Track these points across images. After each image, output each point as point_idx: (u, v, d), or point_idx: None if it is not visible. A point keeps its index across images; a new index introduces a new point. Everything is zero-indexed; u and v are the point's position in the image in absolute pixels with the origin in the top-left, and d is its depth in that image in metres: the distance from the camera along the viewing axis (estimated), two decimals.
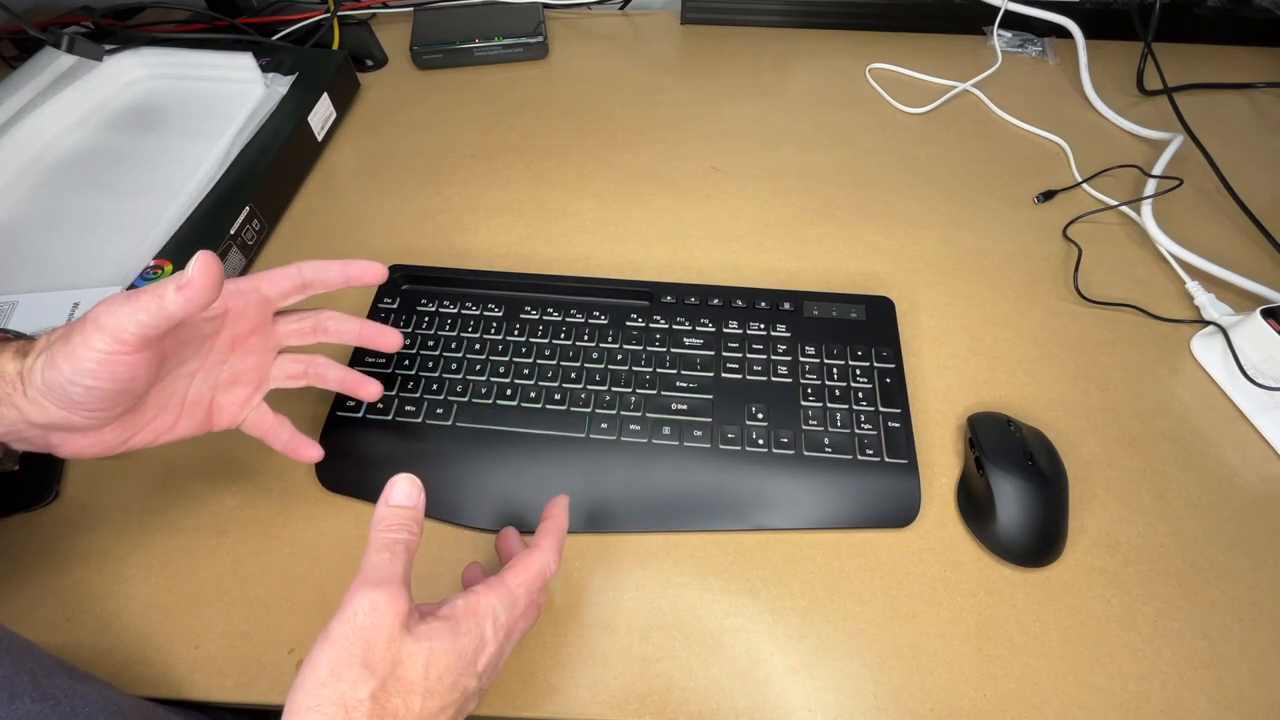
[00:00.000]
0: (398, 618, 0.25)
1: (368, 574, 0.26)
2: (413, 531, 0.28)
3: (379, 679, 0.24)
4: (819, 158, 0.61)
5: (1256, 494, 0.41)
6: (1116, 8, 0.70)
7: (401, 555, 0.27)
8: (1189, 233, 0.52)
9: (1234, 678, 0.34)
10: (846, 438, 0.41)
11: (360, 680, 0.24)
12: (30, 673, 0.28)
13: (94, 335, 0.27)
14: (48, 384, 0.28)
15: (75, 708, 0.27)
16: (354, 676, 0.24)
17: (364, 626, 0.25)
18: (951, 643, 0.35)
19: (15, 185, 0.52)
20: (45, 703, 0.27)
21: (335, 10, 0.69)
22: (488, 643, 0.28)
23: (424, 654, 0.25)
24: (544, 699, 0.34)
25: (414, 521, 0.29)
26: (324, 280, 0.36)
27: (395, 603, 0.26)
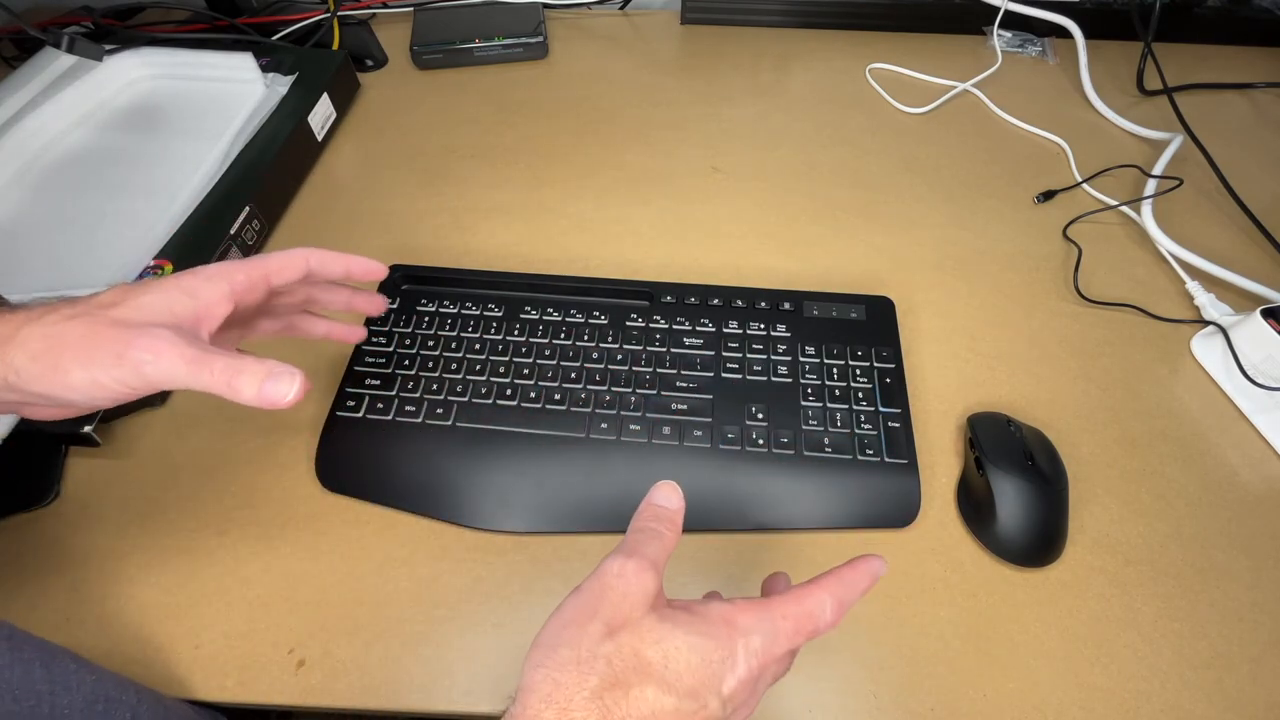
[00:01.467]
0: (644, 590, 0.24)
1: (623, 546, 0.26)
2: (668, 527, 0.27)
3: (615, 642, 0.23)
4: (819, 158, 0.61)
5: (1256, 494, 0.41)
6: (1116, 8, 0.70)
7: (655, 539, 0.26)
8: (1189, 233, 0.52)
9: (1234, 678, 0.34)
10: (846, 438, 0.41)
11: (599, 638, 0.23)
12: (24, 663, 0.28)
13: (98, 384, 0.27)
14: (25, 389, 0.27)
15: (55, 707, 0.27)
16: (595, 631, 0.23)
17: (609, 586, 0.24)
18: (951, 643, 0.35)
19: (15, 185, 0.52)
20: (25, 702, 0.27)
21: (335, 10, 0.69)
22: (738, 663, 0.24)
23: (665, 637, 0.24)
24: None
25: (670, 521, 0.28)
26: (326, 273, 0.35)
27: (643, 575, 0.25)
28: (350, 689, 0.34)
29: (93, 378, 0.27)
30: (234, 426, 0.43)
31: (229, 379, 0.27)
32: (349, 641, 0.36)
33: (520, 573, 0.38)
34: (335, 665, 0.35)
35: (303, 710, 0.34)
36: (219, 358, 0.27)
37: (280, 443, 0.43)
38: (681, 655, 0.24)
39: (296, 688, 0.34)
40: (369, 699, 0.34)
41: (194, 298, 0.29)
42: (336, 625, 0.36)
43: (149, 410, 0.44)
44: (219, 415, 0.44)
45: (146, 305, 0.28)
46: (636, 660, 0.23)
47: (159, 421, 0.44)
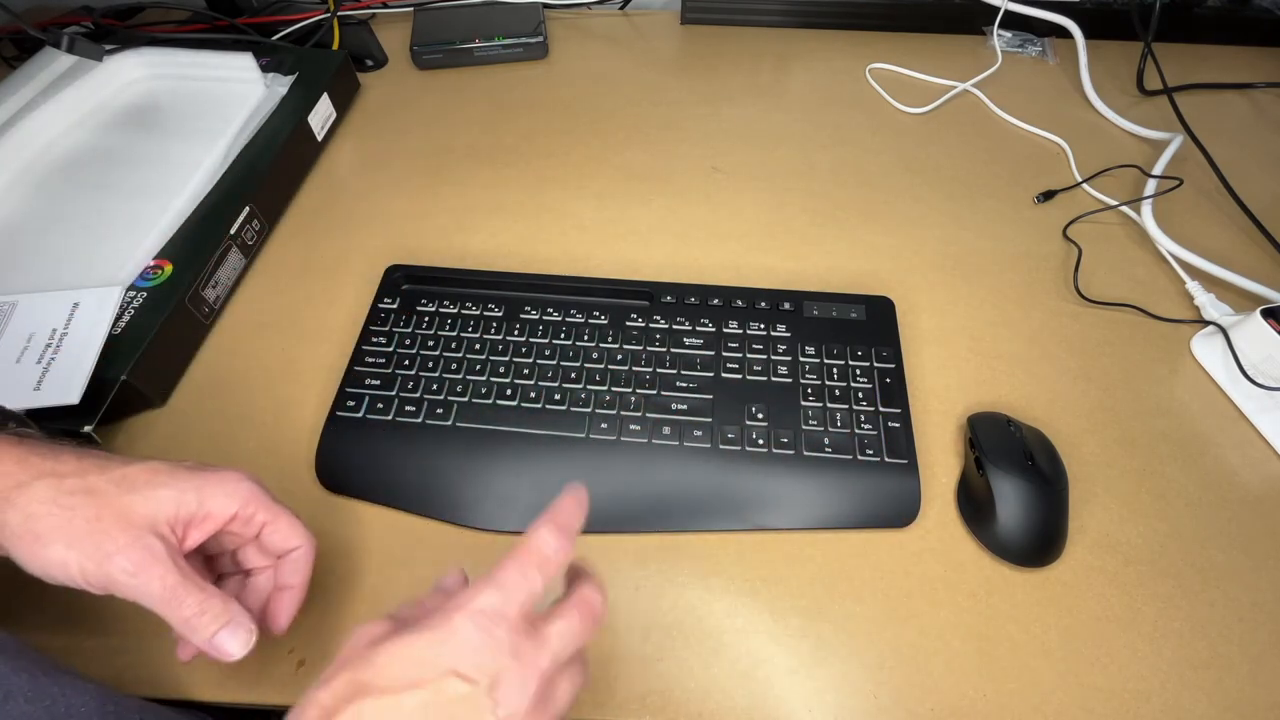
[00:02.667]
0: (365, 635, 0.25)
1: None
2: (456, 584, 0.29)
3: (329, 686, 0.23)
4: (819, 158, 0.61)
5: (1256, 494, 0.41)
6: (1116, 8, 0.70)
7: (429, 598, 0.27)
8: (1189, 233, 0.52)
9: (1234, 678, 0.34)
10: (846, 438, 0.41)
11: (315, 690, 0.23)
12: (28, 671, 0.27)
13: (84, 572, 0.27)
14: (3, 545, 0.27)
15: (70, 707, 0.27)
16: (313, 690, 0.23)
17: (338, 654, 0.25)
18: (951, 643, 0.35)
19: (15, 185, 0.52)
20: (39, 703, 0.27)
21: (335, 10, 0.69)
22: (466, 634, 0.23)
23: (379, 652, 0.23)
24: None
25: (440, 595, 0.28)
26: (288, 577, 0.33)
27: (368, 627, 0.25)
28: None
29: (67, 560, 0.27)
30: (234, 427, 0.43)
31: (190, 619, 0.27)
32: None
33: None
34: None
35: None
36: (194, 593, 0.27)
37: (280, 443, 0.43)
38: (396, 657, 0.23)
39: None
40: None
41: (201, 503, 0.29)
42: (336, 625, 0.36)
43: (149, 410, 0.44)
44: (219, 415, 0.44)
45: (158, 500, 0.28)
46: (349, 688, 0.22)
47: (159, 421, 0.44)
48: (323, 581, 0.37)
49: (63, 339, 0.41)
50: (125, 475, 0.28)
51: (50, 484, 0.27)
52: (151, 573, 0.27)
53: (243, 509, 0.30)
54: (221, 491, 0.30)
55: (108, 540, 0.27)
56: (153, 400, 0.44)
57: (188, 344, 0.47)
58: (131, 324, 0.43)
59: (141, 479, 0.28)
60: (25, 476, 0.27)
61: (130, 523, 0.27)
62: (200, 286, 0.47)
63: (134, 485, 0.28)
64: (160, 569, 0.27)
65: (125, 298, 0.44)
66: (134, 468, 0.29)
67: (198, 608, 0.27)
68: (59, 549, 0.26)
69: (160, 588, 0.27)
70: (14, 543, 0.27)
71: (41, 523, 0.27)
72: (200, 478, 0.30)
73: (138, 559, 0.27)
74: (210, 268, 0.48)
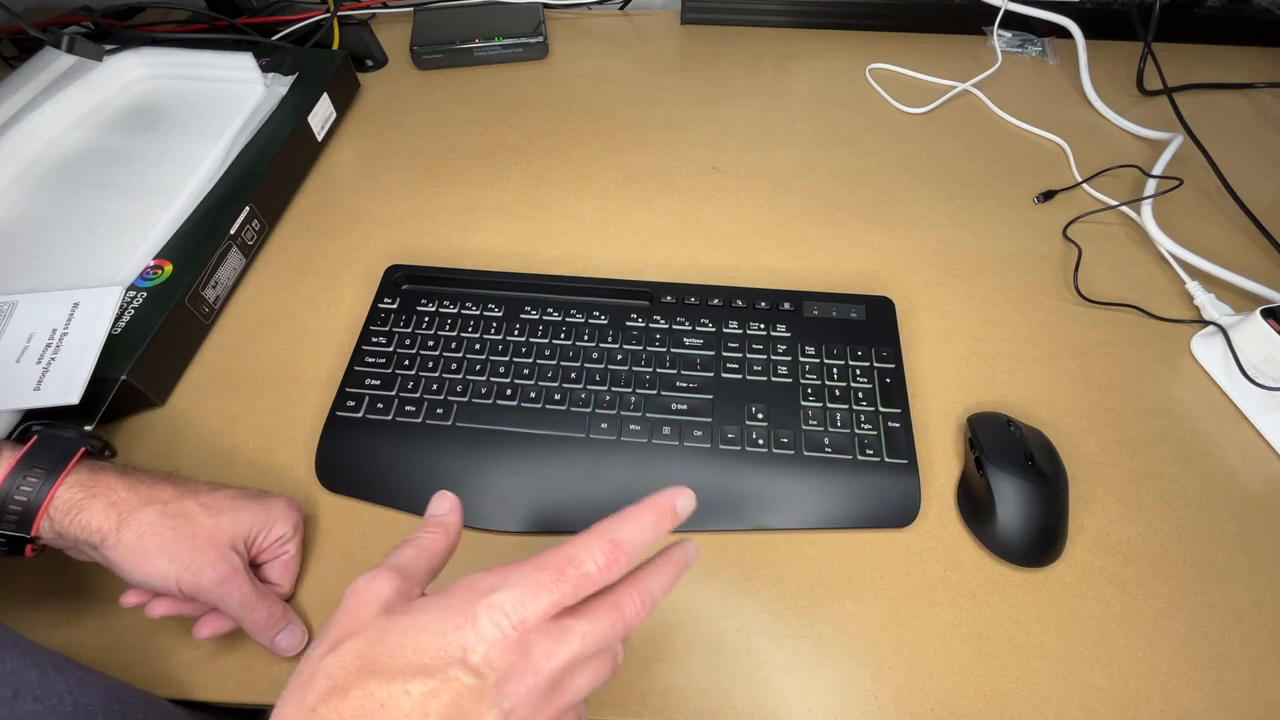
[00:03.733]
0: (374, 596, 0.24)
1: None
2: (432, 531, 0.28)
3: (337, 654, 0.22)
4: (819, 158, 0.61)
5: (1256, 494, 0.41)
6: (1116, 8, 0.70)
7: (409, 546, 0.27)
8: (1189, 233, 0.52)
9: (1234, 678, 0.34)
10: (846, 438, 0.41)
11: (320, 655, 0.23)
12: (38, 668, 0.28)
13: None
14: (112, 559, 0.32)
15: (78, 705, 0.27)
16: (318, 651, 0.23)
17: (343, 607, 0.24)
18: (951, 643, 0.35)
19: (15, 185, 0.52)
20: (47, 701, 0.27)
21: (335, 10, 0.69)
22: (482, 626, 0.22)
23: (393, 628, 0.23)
24: None
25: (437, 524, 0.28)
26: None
27: (375, 582, 0.24)
28: None
29: (164, 571, 0.31)
30: (234, 426, 0.43)
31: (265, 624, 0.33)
32: None
33: None
34: None
35: None
36: (264, 602, 0.33)
37: (280, 443, 0.43)
38: (409, 638, 0.22)
39: None
40: None
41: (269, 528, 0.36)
42: None
43: (149, 410, 0.44)
44: (219, 415, 0.44)
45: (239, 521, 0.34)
46: (359, 662, 0.22)
47: (159, 421, 0.44)
48: (323, 581, 0.38)
49: (63, 339, 0.41)
50: (213, 501, 0.34)
51: (157, 509, 0.32)
52: (233, 584, 0.32)
53: (293, 530, 0.36)
54: (282, 516, 0.36)
55: (200, 556, 0.32)
56: (153, 400, 0.44)
57: (188, 344, 0.47)
58: (131, 324, 0.43)
59: (225, 504, 0.34)
60: (137, 502, 0.32)
61: (217, 541, 0.33)
62: (200, 286, 0.47)
63: (220, 509, 0.34)
64: (239, 580, 0.32)
65: (125, 298, 0.44)
66: (219, 494, 0.35)
67: (267, 613, 0.33)
68: (161, 562, 0.31)
69: (239, 596, 0.32)
70: (124, 556, 0.31)
71: (149, 540, 0.32)
72: (267, 502, 0.36)
73: (224, 572, 0.32)
74: (210, 268, 0.48)
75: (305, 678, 0.23)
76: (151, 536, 0.32)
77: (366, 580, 0.25)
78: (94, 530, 0.31)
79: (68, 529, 0.32)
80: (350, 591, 0.24)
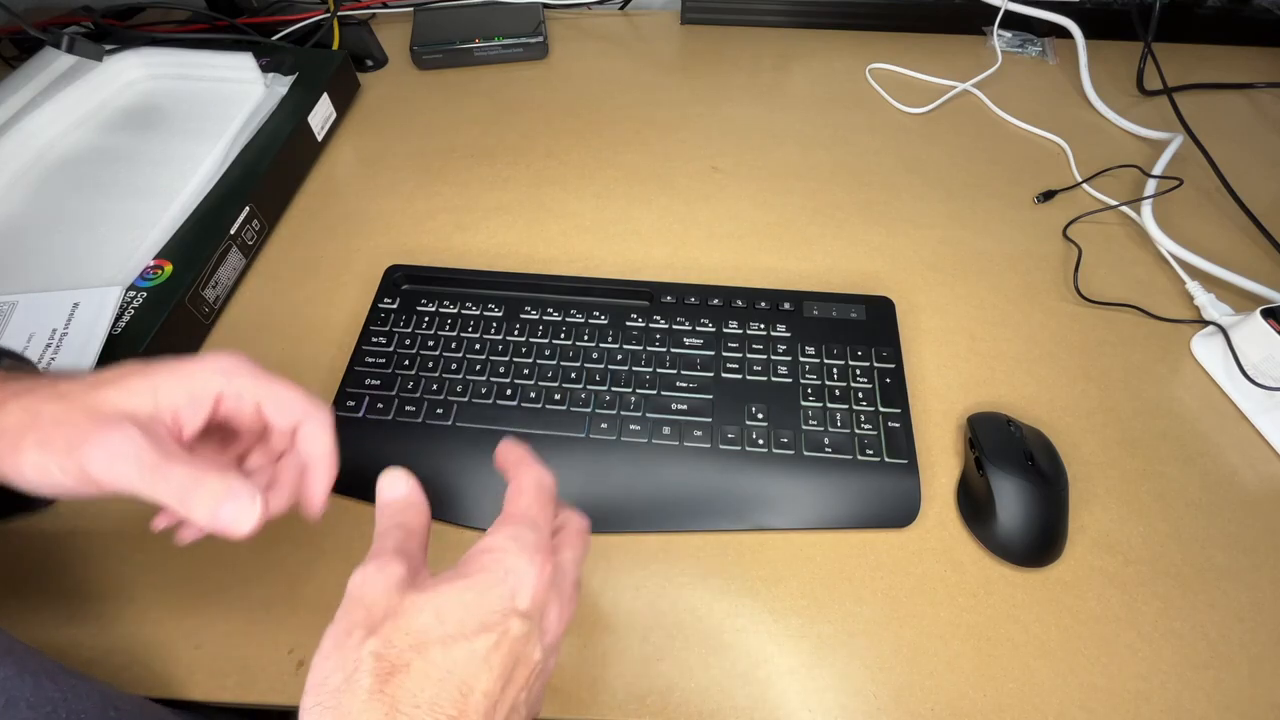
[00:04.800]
0: (391, 580, 0.23)
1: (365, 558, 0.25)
2: (407, 517, 0.26)
3: (382, 636, 0.22)
4: (819, 158, 0.61)
5: (1256, 494, 0.41)
6: (1116, 8, 0.70)
7: (394, 531, 0.25)
8: (1189, 233, 0.52)
9: (1234, 678, 0.34)
10: (846, 438, 0.41)
11: (360, 642, 0.22)
12: (32, 676, 0.27)
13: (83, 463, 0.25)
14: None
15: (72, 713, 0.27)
16: (354, 641, 0.22)
17: (359, 597, 0.23)
18: (951, 643, 0.35)
19: (15, 185, 0.52)
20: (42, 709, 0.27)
21: (335, 10, 0.69)
22: (520, 573, 0.24)
23: (431, 600, 0.23)
24: (544, 699, 0.34)
25: (409, 508, 0.27)
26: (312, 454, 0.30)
27: (386, 568, 0.24)
28: None
29: (42, 463, 0.25)
30: None
31: (184, 494, 0.24)
32: None
33: None
34: None
35: None
36: (179, 466, 0.25)
37: None
38: (454, 601, 0.23)
39: (296, 688, 0.34)
40: None
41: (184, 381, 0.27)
42: None
43: None
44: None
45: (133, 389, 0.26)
46: (409, 637, 0.22)
47: None
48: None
49: (63, 339, 0.41)
50: (97, 377, 0.27)
51: (23, 401, 0.26)
52: (126, 454, 0.24)
53: (227, 385, 0.28)
54: (200, 371, 0.27)
55: (76, 433, 0.25)
56: None
57: (188, 344, 0.47)
58: (131, 324, 0.43)
59: (110, 376, 0.27)
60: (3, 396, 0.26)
61: (101, 414, 0.25)
62: (200, 286, 0.47)
63: (103, 382, 0.26)
64: (134, 449, 0.25)
65: (125, 298, 0.44)
66: (107, 371, 0.27)
67: (187, 480, 0.25)
68: (33, 455, 0.25)
69: (138, 468, 0.24)
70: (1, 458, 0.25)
71: (12, 434, 0.25)
72: (175, 364, 0.28)
73: (110, 443, 0.25)
74: (210, 268, 0.48)
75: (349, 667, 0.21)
76: (13, 428, 0.25)
77: (377, 568, 0.24)
78: None
79: None
80: (361, 581, 0.23)
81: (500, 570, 0.24)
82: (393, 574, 0.23)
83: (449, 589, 0.23)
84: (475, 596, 0.23)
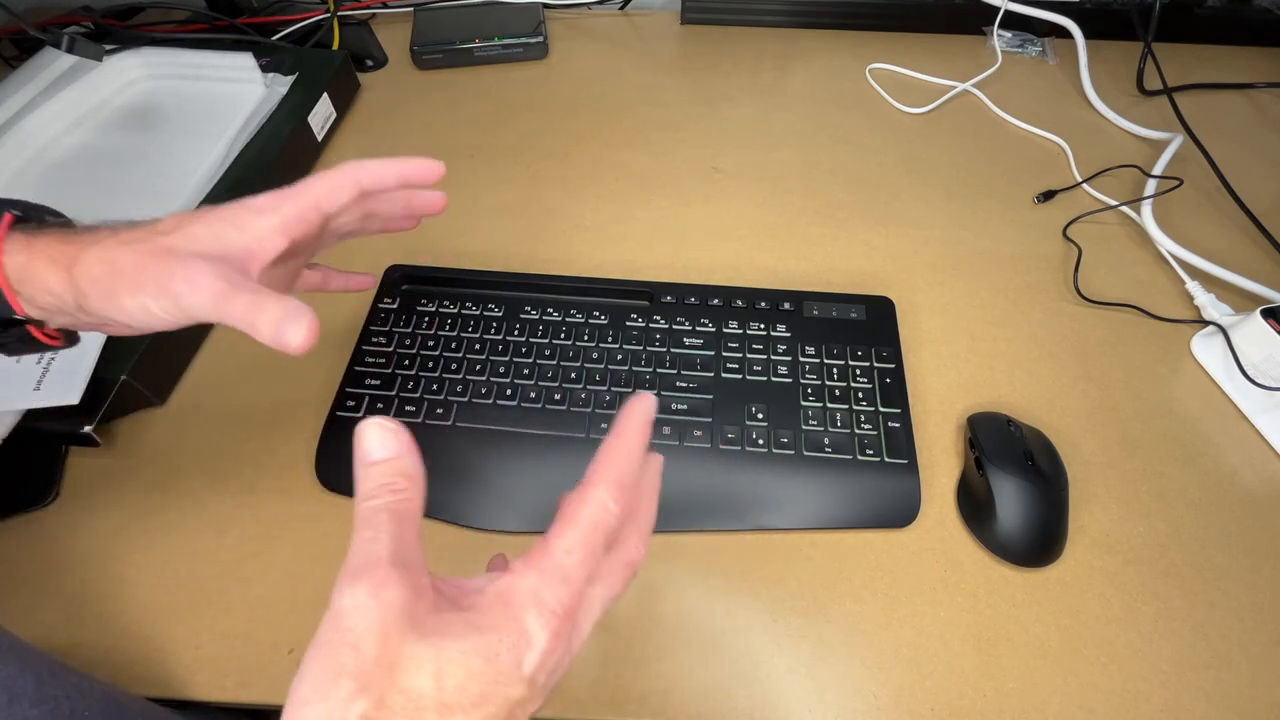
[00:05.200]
0: (391, 610, 0.20)
1: (349, 562, 0.21)
2: (398, 488, 0.23)
3: (374, 695, 0.19)
4: (819, 158, 0.61)
5: (1256, 494, 0.41)
6: (1116, 8, 0.70)
7: (387, 526, 0.22)
8: (1189, 233, 0.52)
9: (1234, 678, 0.34)
10: (846, 438, 0.41)
11: (349, 698, 0.19)
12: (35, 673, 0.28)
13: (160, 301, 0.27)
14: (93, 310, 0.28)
15: (75, 710, 0.27)
16: (342, 694, 0.19)
17: (349, 629, 0.20)
18: (951, 643, 0.35)
19: (15, 185, 0.52)
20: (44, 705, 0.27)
21: (335, 10, 0.69)
22: (533, 637, 0.21)
23: (433, 658, 0.20)
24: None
25: (399, 476, 0.23)
26: (381, 186, 0.33)
27: (383, 591, 0.20)
28: None
29: (142, 305, 0.27)
30: (234, 426, 0.43)
31: (251, 317, 0.27)
32: None
33: None
34: None
35: None
36: (244, 294, 0.27)
37: (280, 443, 0.43)
38: (458, 665, 0.20)
39: None
40: None
41: (243, 231, 0.29)
42: None
43: (149, 410, 0.44)
44: (219, 415, 0.44)
45: (196, 236, 0.29)
46: (404, 699, 0.19)
47: (159, 421, 0.44)
48: (323, 581, 0.37)
49: None
50: (154, 227, 0.30)
51: (95, 252, 0.28)
52: (204, 285, 0.27)
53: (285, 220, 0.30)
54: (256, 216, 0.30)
55: (162, 273, 0.27)
56: (153, 400, 0.44)
57: (188, 344, 0.47)
58: None
59: (167, 225, 0.30)
60: (74, 250, 0.28)
61: (175, 253, 0.28)
62: None
63: (162, 230, 0.29)
64: (212, 280, 0.27)
65: None
66: (162, 221, 0.30)
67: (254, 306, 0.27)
68: (129, 300, 0.27)
69: (212, 295, 0.27)
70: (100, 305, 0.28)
71: (104, 282, 0.28)
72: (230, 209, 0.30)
73: (188, 275, 0.27)
74: None
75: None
76: (109, 275, 0.28)
77: (370, 591, 0.20)
78: (57, 292, 0.28)
79: (40, 297, 0.29)
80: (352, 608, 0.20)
81: (514, 633, 0.21)
82: (390, 602, 0.20)
83: (454, 646, 0.20)
84: (481, 663, 0.20)
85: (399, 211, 0.37)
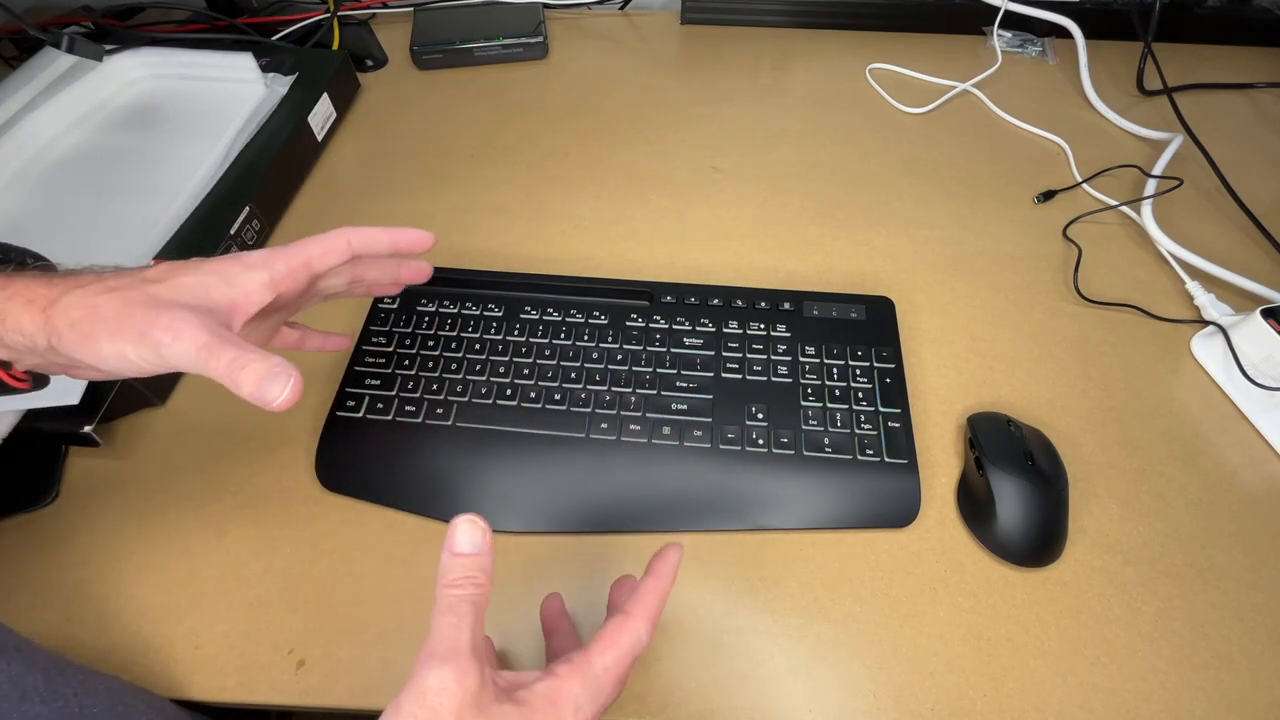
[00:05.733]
0: (468, 695, 0.23)
1: (433, 645, 0.24)
2: (480, 584, 0.26)
3: None
4: (819, 158, 0.61)
5: (1256, 494, 0.41)
6: (1116, 8, 0.70)
7: (468, 617, 0.25)
8: (1189, 233, 0.52)
9: (1234, 678, 0.34)
10: (846, 438, 0.41)
11: None
12: (44, 671, 0.28)
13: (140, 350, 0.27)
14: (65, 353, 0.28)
15: (84, 708, 0.27)
16: None
17: (432, 707, 0.23)
18: (951, 643, 0.35)
19: (15, 185, 0.52)
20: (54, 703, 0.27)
21: (335, 10, 0.69)
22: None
23: None
24: None
25: (480, 572, 0.26)
26: (371, 251, 0.34)
27: (465, 679, 0.24)
28: (350, 689, 0.34)
29: (119, 351, 0.27)
30: (234, 426, 0.43)
31: (233, 372, 0.27)
32: (349, 641, 0.36)
33: (520, 573, 0.38)
34: (335, 665, 0.35)
35: (303, 710, 0.34)
36: (229, 348, 0.27)
37: (280, 443, 0.43)
38: None
39: (296, 688, 0.34)
40: (369, 699, 0.34)
41: (231, 285, 0.30)
42: (336, 625, 0.36)
43: (149, 410, 0.44)
44: (219, 415, 0.44)
45: (183, 286, 0.29)
46: None
47: (159, 421, 0.44)
48: (323, 581, 0.38)
49: None
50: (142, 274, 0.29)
51: (77, 296, 0.28)
52: (188, 337, 0.27)
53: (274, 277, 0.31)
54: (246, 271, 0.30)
55: (143, 321, 0.27)
56: (152, 400, 0.44)
57: None
58: None
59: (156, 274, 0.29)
60: (56, 293, 0.28)
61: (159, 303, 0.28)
62: None
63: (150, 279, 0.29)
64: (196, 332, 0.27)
65: None
66: (150, 270, 0.30)
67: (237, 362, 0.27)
68: (107, 345, 0.27)
69: (196, 348, 0.27)
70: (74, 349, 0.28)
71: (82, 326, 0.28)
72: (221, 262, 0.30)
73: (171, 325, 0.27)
74: None
75: None
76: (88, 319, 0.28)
77: (457, 677, 0.24)
78: (29, 332, 0.28)
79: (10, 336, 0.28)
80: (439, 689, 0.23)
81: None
82: (469, 689, 0.24)
83: None
84: None
85: (385, 278, 0.38)
